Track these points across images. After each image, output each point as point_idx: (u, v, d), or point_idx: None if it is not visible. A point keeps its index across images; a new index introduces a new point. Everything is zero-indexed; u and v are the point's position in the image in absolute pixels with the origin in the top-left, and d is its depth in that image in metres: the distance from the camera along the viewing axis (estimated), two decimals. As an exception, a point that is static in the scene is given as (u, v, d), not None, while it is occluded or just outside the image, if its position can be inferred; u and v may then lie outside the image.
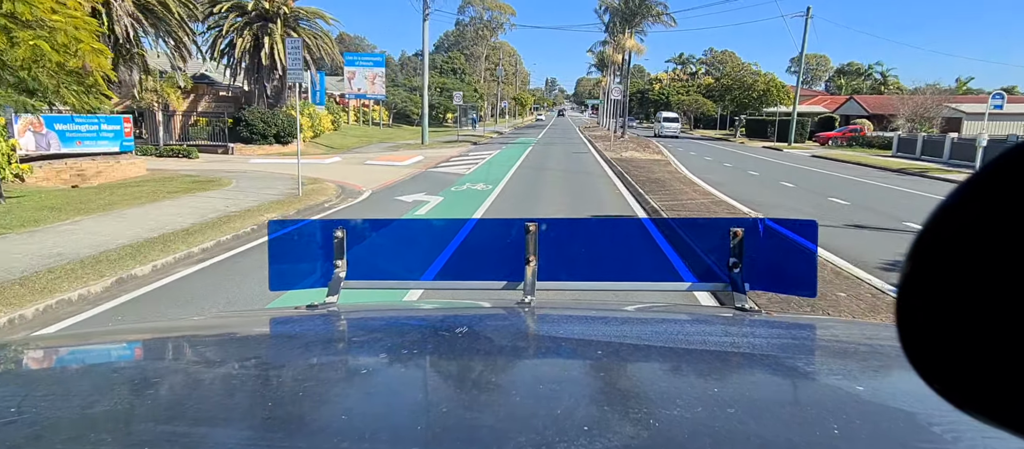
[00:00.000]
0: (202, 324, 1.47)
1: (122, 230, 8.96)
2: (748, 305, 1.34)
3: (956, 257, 0.28)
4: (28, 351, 1.11)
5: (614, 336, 1.13)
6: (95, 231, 8.85)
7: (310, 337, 1.14)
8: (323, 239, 1.47)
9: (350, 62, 54.59)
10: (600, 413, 0.73)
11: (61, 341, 1.41)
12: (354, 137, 39.06)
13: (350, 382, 0.89)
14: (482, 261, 1.51)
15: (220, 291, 6.56)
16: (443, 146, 32.17)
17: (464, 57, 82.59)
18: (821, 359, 1.05)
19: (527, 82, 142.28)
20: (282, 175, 16.74)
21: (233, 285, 6.76)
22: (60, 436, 0.68)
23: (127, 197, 12.24)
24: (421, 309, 1.58)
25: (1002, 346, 0.27)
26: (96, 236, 8.51)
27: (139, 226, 9.28)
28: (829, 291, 6.14)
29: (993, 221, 0.27)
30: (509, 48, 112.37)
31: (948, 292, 0.28)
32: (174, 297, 6.39)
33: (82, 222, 9.55)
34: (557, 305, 1.48)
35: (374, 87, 55.93)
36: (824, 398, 0.82)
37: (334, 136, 37.84)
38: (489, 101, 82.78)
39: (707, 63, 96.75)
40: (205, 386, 0.86)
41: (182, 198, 12.26)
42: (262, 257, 1.79)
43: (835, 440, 0.67)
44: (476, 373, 0.89)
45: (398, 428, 0.69)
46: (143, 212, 10.59)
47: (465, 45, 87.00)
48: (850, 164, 26.89)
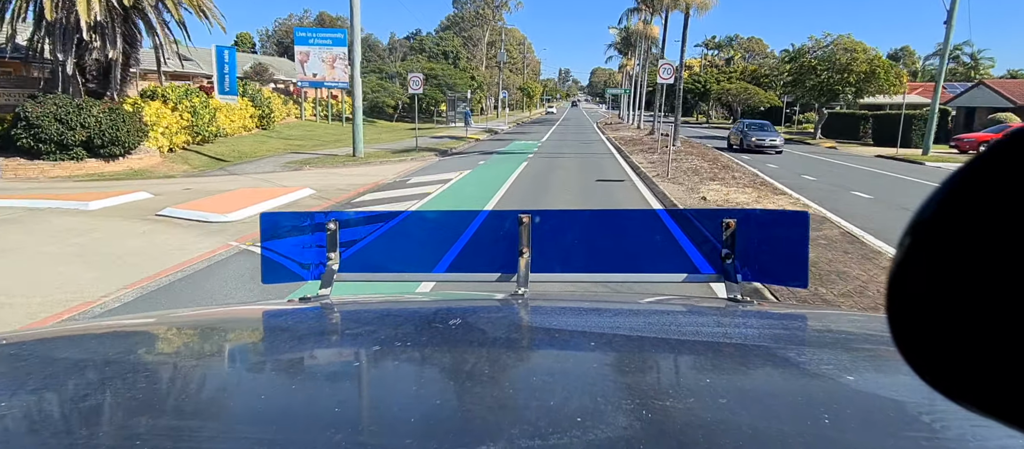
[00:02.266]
0: (194, 317, 1.47)
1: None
2: (741, 296, 1.34)
3: (947, 247, 0.27)
4: (18, 344, 1.09)
5: (607, 327, 1.13)
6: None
7: (303, 330, 1.15)
8: (316, 232, 1.48)
9: (302, 40, 42.05)
10: (593, 404, 0.72)
11: (49, 334, 1.35)
12: (280, 141, 27.01)
13: (343, 374, 0.89)
14: (476, 253, 1.50)
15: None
16: (383, 162, 19.96)
17: (462, 40, 70.39)
18: (812, 350, 1.04)
19: (538, 72, 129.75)
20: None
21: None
22: (50, 429, 0.69)
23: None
24: (414, 301, 1.56)
25: (992, 336, 0.27)
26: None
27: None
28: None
29: (985, 211, 0.26)
30: (519, 34, 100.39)
31: (939, 282, 0.28)
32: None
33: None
34: (551, 297, 1.46)
35: (334, 72, 43.47)
36: (815, 388, 0.83)
37: (244, 140, 25.85)
38: (492, 91, 70.88)
39: (744, 46, 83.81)
40: (197, 380, 0.87)
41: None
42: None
43: (826, 429, 0.68)
44: (469, 365, 0.89)
45: (391, 420, 0.70)
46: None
47: (463, 26, 74.69)
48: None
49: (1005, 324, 0.26)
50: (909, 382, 0.56)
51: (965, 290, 0.27)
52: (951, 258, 0.27)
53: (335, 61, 40.30)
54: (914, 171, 20.72)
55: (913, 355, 0.30)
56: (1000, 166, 0.27)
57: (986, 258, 0.26)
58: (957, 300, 0.28)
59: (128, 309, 5.68)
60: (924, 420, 0.69)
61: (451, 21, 76.13)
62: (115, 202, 10.95)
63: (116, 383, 0.82)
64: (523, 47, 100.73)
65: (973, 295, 0.27)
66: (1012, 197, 0.26)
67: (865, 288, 5.90)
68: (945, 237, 0.28)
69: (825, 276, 6.24)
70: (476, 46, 73.97)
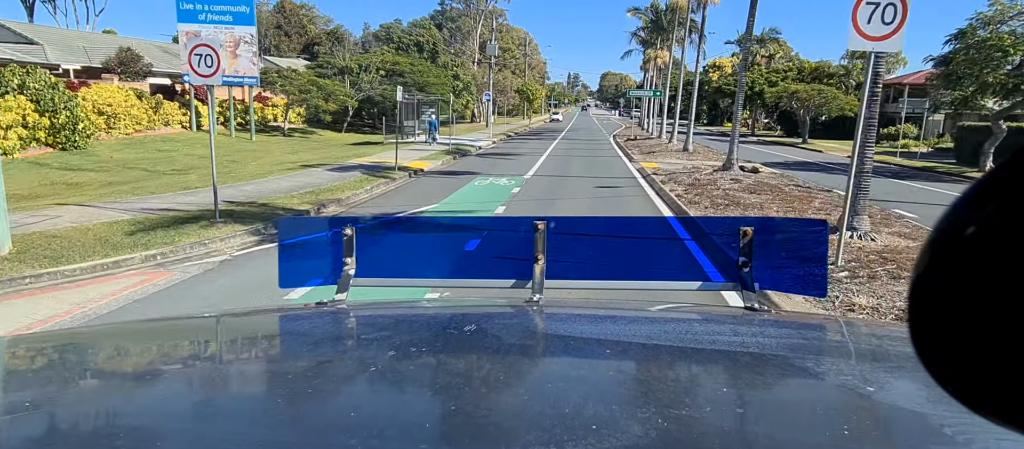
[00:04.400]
0: (211, 320, 1.47)
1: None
2: (758, 304, 1.33)
3: (970, 257, 0.27)
4: (35, 346, 1.10)
5: (622, 335, 1.12)
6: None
7: (319, 334, 1.14)
8: (333, 237, 1.47)
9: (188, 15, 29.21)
10: (608, 412, 0.72)
11: (69, 337, 1.37)
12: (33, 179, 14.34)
13: (358, 379, 0.88)
14: (491, 259, 1.49)
15: None
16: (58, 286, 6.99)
17: (448, 33, 57.68)
18: (831, 359, 1.03)
19: (544, 74, 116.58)
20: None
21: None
22: (73, 432, 0.69)
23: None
24: (429, 307, 1.54)
25: (1015, 347, 0.26)
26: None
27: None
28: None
29: (1008, 221, 0.26)
30: (520, 33, 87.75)
31: (961, 292, 0.27)
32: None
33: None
34: (565, 304, 1.46)
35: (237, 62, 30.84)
36: (834, 399, 0.82)
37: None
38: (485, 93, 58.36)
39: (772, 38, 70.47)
40: (214, 382, 0.87)
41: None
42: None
43: (845, 441, 0.66)
44: (484, 371, 0.89)
45: (406, 426, 0.69)
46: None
47: (452, 17, 61.86)
48: None
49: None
50: (931, 393, 0.55)
51: (987, 301, 0.27)
52: (973, 269, 0.27)
53: (240, 46, 27.56)
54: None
55: (935, 365, 0.29)
56: (1021, 176, 0.26)
57: (1009, 269, 0.26)
58: (979, 311, 0.27)
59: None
60: (946, 432, 0.67)
61: (437, 15, 63.23)
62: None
63: (132, 386, 0.84)
64: (526, 45, 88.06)
65: (995, 306, 0.26)
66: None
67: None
68: (967, 248, 0.27)
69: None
70: (466, 39, 61.10)
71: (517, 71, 78.52)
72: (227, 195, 11.89)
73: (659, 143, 32.44)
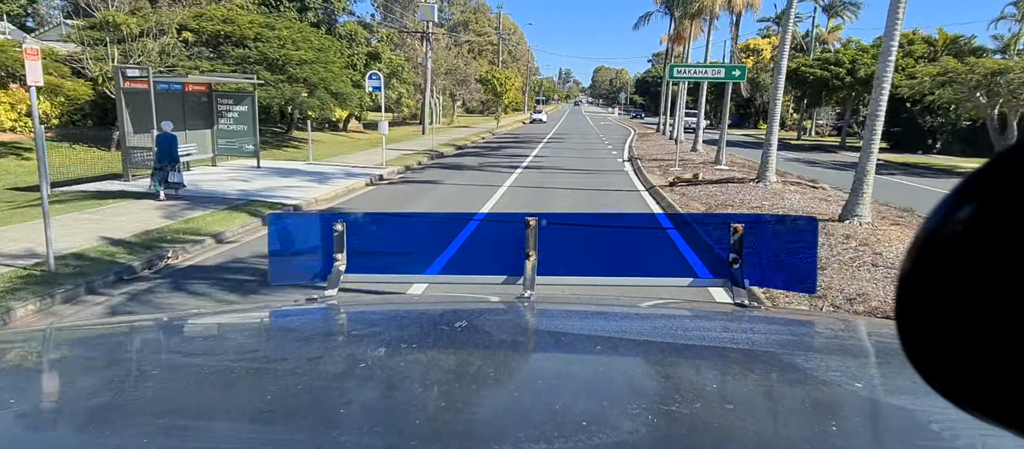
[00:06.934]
0: (202, 317, 1.44)
1: None
2: (748, 301, 1.32)
3: (957, 255, 0.27)
4: (28, 343, 1.09)
5: (612, 331, 1.11)
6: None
7: (309, 330, 1.13)
8: (323, 232, 1.44)
9: None
10: (598, 408, 0.72)
11: (62, 333, 1.33)
12: None
13: (349, 375, 0.88)
14: (483, 255, 1.49)
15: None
16: None
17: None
18: (820, 356, 1.02)
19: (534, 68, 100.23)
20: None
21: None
22: (63, 427, 0.69)
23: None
24: (420, 303, 1.53)
25: (1002, 345, 0.26)
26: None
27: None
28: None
29: (994, 219, 0.26)
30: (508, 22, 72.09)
31: (948, 290, 0.28)
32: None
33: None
34: (556, 300, 1.45)
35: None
36: (822, 395, 0.81)
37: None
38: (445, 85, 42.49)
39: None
40: (205, 379, 0.87)
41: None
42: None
43: (833, 437, 0.67)
44: (475, 367, 0.89)
45: (396, 422, 0.69)
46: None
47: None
48: None
49: (1014, 332, 0.26)
50: (918, 389, 0.57)
51: (974, 298, 0.27)
52: (960, 266, 0.27)
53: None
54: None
55: (922, 362, 0.29)
56: (1007, 175, 0.26)
57: (995, 266, 0.26)
58: (966, 308, 0.27)
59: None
60: (933, 428, 0.68)
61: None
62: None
63: (123, 382, 0.83)
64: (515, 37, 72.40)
65: (982, 303, 0.27)
66: (1020, 206, 0.26)
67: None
68: (954, 245, 0.27)
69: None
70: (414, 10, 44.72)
71: (499, 62, 62.43)
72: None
73: (714, 167, 16.36)
